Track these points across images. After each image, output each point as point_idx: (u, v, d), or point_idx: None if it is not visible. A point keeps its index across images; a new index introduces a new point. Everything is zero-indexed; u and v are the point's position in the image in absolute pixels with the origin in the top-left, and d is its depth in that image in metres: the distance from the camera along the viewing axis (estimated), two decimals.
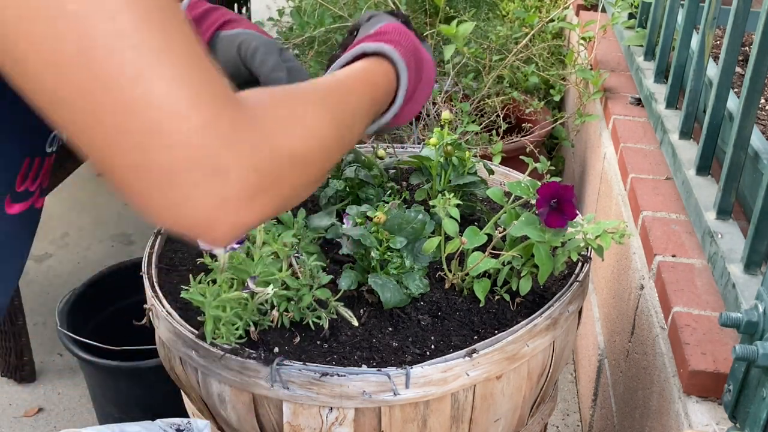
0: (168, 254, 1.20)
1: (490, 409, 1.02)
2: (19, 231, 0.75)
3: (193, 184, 0.51)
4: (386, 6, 2.13)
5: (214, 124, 0.51)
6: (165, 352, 1.09)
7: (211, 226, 0.54)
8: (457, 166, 1.21)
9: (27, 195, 0.74)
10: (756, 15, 1.17)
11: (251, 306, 0.98)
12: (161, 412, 1.09)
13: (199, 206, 0.52)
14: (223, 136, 0.51)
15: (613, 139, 1.80)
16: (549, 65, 2.23)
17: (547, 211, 1.00)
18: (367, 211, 1.10)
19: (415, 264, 1.08)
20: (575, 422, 1.88)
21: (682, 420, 1.07)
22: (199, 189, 0.51)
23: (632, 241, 1.49)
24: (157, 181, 0.51)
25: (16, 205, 0.72)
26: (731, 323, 0.92)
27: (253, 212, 0.55)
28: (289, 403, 0.96)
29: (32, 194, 0.74)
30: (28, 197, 0.74)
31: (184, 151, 0.50)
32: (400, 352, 0.99)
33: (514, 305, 1.08)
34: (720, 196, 1.26)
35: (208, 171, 0.51)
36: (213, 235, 0.55)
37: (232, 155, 0.52)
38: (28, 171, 0.72)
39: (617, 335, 1.56)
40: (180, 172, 0.51)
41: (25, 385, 2.00)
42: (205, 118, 0.50)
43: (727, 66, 1.31)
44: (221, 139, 0.51)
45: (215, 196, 0.52)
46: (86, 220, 2.70)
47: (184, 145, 0.50)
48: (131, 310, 1.37)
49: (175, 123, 0.50)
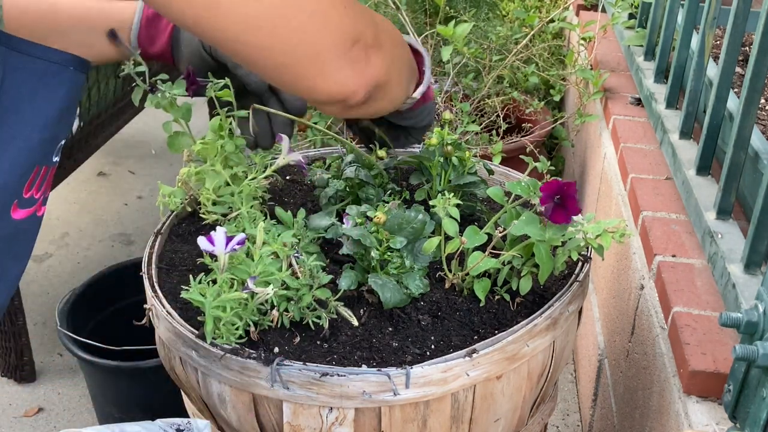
0: (168, 254, 1.20)
1: (490, 409, 1.02)
2: (21, 235, 0.77)
3: (344, 65, 0.77)
4: (386, 6, 2.13)
5: (358, 38, 0.77)
6: (165, 352, 1.09)
7: (348, 87, 0.79)
8: (457, 166, 1.21)
9: (32, 202, 0.76)
10: (756, 15, 1.17)
11: (251, 306, 0.98)
12: (161, 412, 1.09)
13: (343, 78, 0.78)
14: (365, 44, 0.79)
15: (613, 139, 1.80)
16: (549, 65, 2.23)
17: (551, 208, 1.00)
18: (367, 211, 1.10)
19: (415, 264, 1.08)
20: (575, 422, 1.88)
21: (682, 420, 1.07)
22: (345, 69, 0.77)
23: (632, 241, 1.49)
24: (319, 66, 0.76)
25: (21, 210, 0.74)
26: (731, 323, 0.92)
27: (368, 84, 0.81)
28: (289, 403, 0.96)
29: (36, 201, 0.76)
30: (32, 204, 0.76)
31: (339, 50, 0.76)
32: (400, 352, 0.99)
33: (514, 305, 1.08)
34: (720, 196, 1.26)
35: (352, 59, 0.78)
36: (348, 94, 0.80)
37: (371, 58, 0.80)
38: (36, 178, 0.74)
39: (617, 335, 1.56)
40: (336, 59, 0.76)
41: (25, 385, 2.00)
42: (355, 33, 0.76)
43: (727, 66, 1.31)
44: (362, 46, 0.78)
45: (355, 73, 0.79)
46: (86, 220, 2.70)
47: (339, 47, 0.75)
48: (131, 310, 1.37)
49: (335, 33, 0.75)
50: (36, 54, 0.71)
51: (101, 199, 2.81)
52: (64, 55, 0.74)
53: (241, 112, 1.12)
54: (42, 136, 0.73)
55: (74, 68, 0.74)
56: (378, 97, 0.87)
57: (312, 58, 0.74)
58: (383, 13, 2.27)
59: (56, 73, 0.73)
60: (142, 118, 2.81)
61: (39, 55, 0.71)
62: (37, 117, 0.72)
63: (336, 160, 1.30)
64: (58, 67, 0.73)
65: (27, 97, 0.71)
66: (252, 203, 1.14)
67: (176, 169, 2.95)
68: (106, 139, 2.19)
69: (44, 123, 0.73)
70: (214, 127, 1.13)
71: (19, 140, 0.71)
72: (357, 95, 0.80)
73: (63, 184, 2.03)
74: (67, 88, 0.74)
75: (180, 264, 1.17)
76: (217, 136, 1.13)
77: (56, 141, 0.76)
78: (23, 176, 0.73)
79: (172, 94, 1.11)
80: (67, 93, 0.75)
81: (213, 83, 1.11)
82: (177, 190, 1.21)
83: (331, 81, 0.77)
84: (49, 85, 0.73)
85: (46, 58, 0.72)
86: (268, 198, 1.24)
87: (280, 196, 1.34)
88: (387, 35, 0.85)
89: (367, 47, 0.79)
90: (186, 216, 1.28)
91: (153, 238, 1.21)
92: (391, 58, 0.86)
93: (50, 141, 0.75)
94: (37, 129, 0.72)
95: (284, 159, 1.18)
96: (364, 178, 1.21)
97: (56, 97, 0.74)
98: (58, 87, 0.74)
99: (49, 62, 0.72)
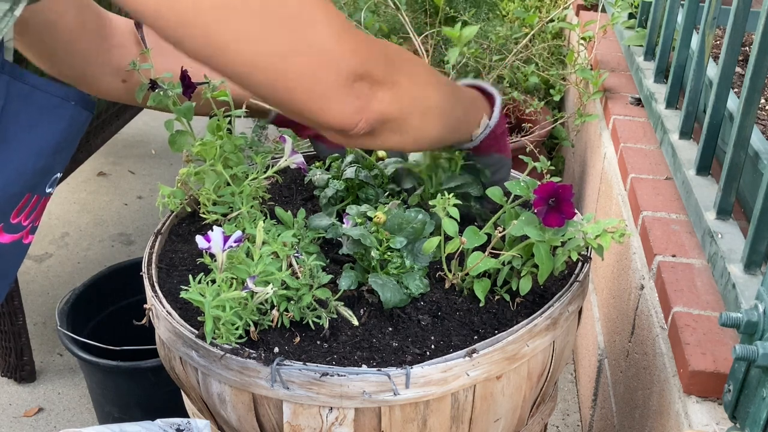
0: (168, 254, 1.20)
1: (490, 409, 1.02)
2: (5, 259, 0.78)
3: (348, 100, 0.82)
4: (386, 6, 2.13)
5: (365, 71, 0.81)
6: (165, 352, 1.09)
7: (352, 122, 0.83)
8: (447, 168, 1.20)
9: (19, 228, 0.77)
10: (756, 15, 1.17)
11: (251, 306, 0.98)
12: (161, 412, 1.09)
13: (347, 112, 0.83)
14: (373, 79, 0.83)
15: (613, 139, 1.80)
16: (549, 65, 2.23)
17: (546, 211, 1.00)
18: (367, 211, 1.10)
19: (415, 264, 1.08)
20: (575, 422, 1.88)
21: (682, 420, 1.07)
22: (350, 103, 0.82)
23: (632, 241, 1.49)
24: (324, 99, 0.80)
25: (6, 235, 0.76)
26: (731, 323, 0.92)
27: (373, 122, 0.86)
28: (289, 403, 0.96)
29: (24, 228, 0.78)
30: (19, 230, 0.77)
31: (343, 85, 0.80)
32: (400, 352, 0.99)
33: (514, 305, 1.08)
34: (720, 196, 1.26)
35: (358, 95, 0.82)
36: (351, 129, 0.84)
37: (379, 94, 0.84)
38: (25, 206, 0.76)
39: (617, 335, 1.56)
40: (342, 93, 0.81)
41: (25, 385, 2.00)
42: (358, 67, 0.80)
43: (727, 66, 1.31)
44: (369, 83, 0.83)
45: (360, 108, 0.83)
46: (86, 220, 2.70)
47: (343, 80, 0.80)
48: (131, 310, 1.37)
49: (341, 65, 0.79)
50: (38, 86, 0.73)
51: (101, 199, 2.81)
52: (68, 91, 0.76)
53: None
54: (36, 164, 0.75)
55: (76, 104, 0.76)
56: (387, 130, 0.90)
57: (313, 93, 0.79)
58: (383, 12, 2.27)
59: (57, 107, 0.75)
60: (142, 118, 2.82)
61: (41, 88, 0.73)
62: (33, 146, 0.74)
63: (336, 160, 1.30)
64: (60, 101, 0.75)
65: (25, 126, 0.73)
66: (252, 203, 1.14)
67: (176, 169, 2.95)
68: (106, 139, 2.19)
69: (39, 152, 0.75)
70: (211, 127, 1.14)
71: (12, 166, 0.73)
72: (357, 128, 0.85)
73: (63, 184, 2.03)
74: (67, 123, 0.76)
75: (180, 264, 1.18)
76: (216, 136, 1.13)
77: (51, 173, 0.78)
78: (12, 201, 0.74)
79: (174, 92, 1.11)
80: (67, 127, 0.77)
81: (209, 84, 1.12)
82: (177, 190, 1.21)
83: (331, 114, 0.82)
84: (49, 117, 0.75)
85: (48, 91, 0.74)
86: (268, 198, 1.24)
87: (280, 196, 1.34)
88: (407, 74, 0.90)
89: (374, 83, 0.83)
90: (186, 216, 1.28)
91: (153, 238, 1.21)
92: (409, 96, 0.90)
93: (44, 171, 0.77)
94: (32, 157, 0.74)
95: (287, 161, 1.18)
96: (363, 179, 1.21)
97: (55, 130, 0.76)
98: (58, 120, 0.76)
99: (51, 95, 0.74)
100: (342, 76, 0.79)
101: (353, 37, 0.80)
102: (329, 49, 0.78)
